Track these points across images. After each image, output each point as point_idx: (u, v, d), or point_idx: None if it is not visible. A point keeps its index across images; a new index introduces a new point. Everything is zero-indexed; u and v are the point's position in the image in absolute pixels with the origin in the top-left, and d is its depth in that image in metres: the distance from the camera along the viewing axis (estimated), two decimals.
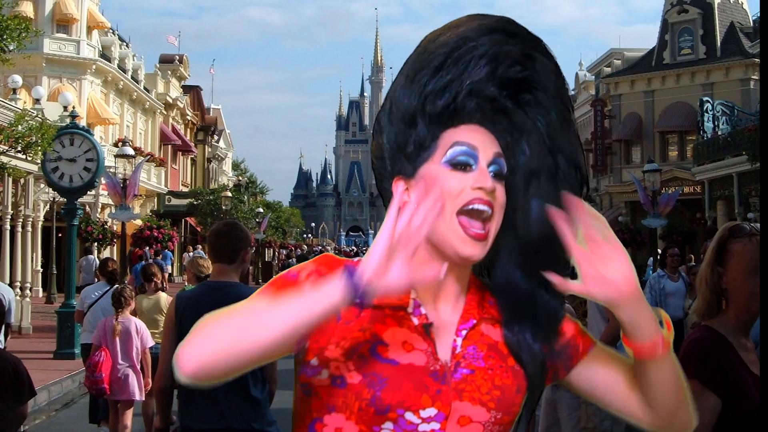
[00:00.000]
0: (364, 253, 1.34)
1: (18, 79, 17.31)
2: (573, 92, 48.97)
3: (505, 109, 1.31)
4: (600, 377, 1.39)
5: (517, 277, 1.33)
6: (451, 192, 1.26)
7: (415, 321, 1.29)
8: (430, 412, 1.25)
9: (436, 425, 1.25)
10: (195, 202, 35.84)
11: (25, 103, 18.51)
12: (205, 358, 1.14)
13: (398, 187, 1.28)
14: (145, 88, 36.57)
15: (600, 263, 1.23)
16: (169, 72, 41.33)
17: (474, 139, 1.29)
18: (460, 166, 1.27)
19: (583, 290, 1.24)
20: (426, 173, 1.29)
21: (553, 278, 1.23)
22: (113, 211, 21.80)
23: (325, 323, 1.20)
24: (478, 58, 1.28)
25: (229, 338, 1.14)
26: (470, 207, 1.26)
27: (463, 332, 1.32)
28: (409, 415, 1.24)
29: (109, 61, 31.80)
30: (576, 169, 1.34)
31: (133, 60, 36.44)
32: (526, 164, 1.32)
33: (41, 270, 22.51)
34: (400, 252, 1.11)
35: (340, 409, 1.26)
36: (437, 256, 1.29)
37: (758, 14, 20.73)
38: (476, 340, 1.32)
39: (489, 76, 1.28)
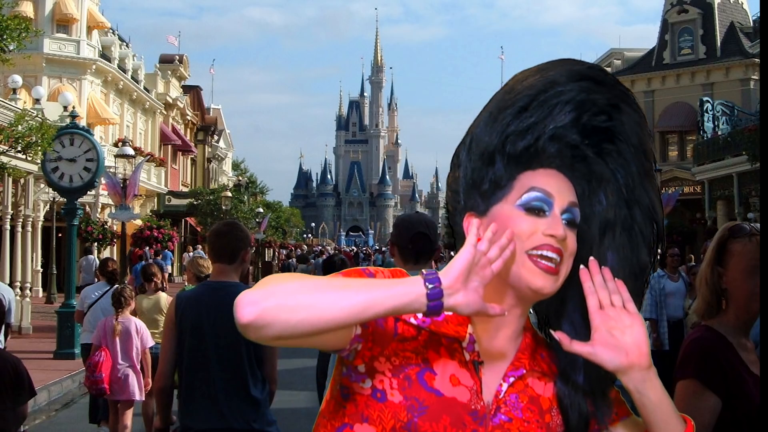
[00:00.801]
0: (364, 253, 1.34)
1: (18, 79, 17.32)
2: None
3: (585, 158, 1.31)
4: None
5: (582, 332, 1.31)
6: (522, 234, 1.26)
7: (467, 356, 1.29)
8: None
9: None
10: (195, 202, 35.85)
11: (25, 103, 18.51)
12: (268, 311, 1.10)
13: (472, 222, 1.29)
14: (145, 88, 36.57)
15: (617, 330, 1.25)
16: (169, 72, 41.34)
17: (550, 185, 1.29)
18: (534, 210, 1.27)
19: (591, 353, 1.25)
20: (499, 213, 1.29)
21: (559, 336, 1.23)
22: (113, 211, 21.80)
23: (382, 332, 1.23)
24: (564, 104, 1.28)
25: (298, 300, 1.12)
26: (539, 252, 1.26)
27: (511, 379, 1.32)
28: None
29: (109, 61, 31.80)
30: (653, 224, 1.33)
31: (133, 60, 36.44)
32: (602, 215, 1.32)
33: (41, 270, 22.51)
34: (476, 276, 1.15)
35: (373, 422, 1.26)
36: (503, 294, 1.30)
37: (758, 14, 20.73)
38: (520, 389, 1.32)
39: (573, 122, 1.29)
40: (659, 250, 1.35)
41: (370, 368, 1.26)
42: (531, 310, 1.37)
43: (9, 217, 17.16)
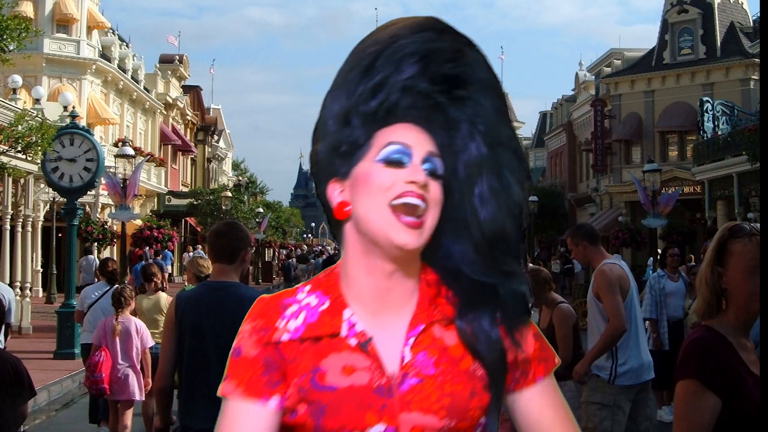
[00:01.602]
0: None
1: (18, 79, 17.31)
2: (573, 92, 49.04)
3: (439, 105, 1.30)
4: (533, 417, 1.36)
5: (475, 269, 1.31)
6: (383, 186, 1.26)
7: (353, 342, 1.28)
8: (378, 428, 1.24)
9: None
10: (195, 202, 35.86)
11: (25, 103, 18.51)
12: None
13: (334, 189, 1.31)
14: (145, 88, 36.58)
15: None
16: (169, 72, 41.35)
17: (408, 138, 1.28)
18: (393, 163, 1.27)
19: None
20: (360, 172, 1.28)
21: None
22: (113, 211, 21.79)
23: (281, 366, 1.27)
24: (410, 56, 1.27)
25: None
26: (402, 200, 1.25)
27: (411, 340, 1.29)
28: None
29: (109, 61, 31.81)
30: (519, 160, 1.33)
31: (133, 60, 36.45)
32: (467, 160, 1.31)
33: (41, 270, 22.51)
34: None
35: None
36: (375, 258, 1.29)
37: (758, 14, 20.73)
38: (427, 345, 1.30)
39: (421, 72, 1.28)
40: (529, 186, 1.35)
41: (287, 399, 1.29)
42: None
43: (9, 217, 17.16)
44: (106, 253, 24.21)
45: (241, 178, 44.11)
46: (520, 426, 1.37)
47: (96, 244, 22.94)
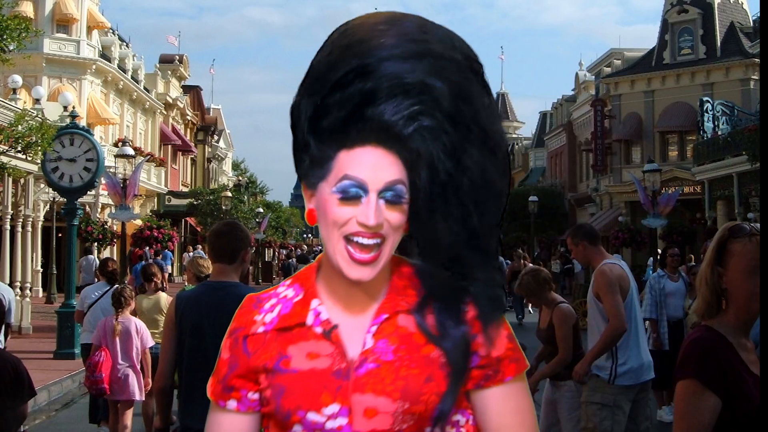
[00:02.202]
0: None
1: (18, 79, 17.31)
2: (573, 92, 49.04)
3: (397, 136, 1.27)
4: (495, 417, 1.38)
5: (444, 277, 1.34)
6: (337, 222, 1.27)
7: (318, 330, 1.35)
8: (333, 408, 1.30)
9: (342, 420, 1.30)
10: (195, 202, 35.86)
11: (25, 103, 18.51)
12: None
13: (305, 192, 1.35)
14: (145, 88, 36.57)
15: None
16: (169, 72, 41.34)
17: (365, 167, 1.26)
18: (348, 199, 1.27)
19: None
20: (321, 194, 1.30)
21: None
22: (113, 211, 21.78)
23: (246, 364, 1.37)
24: (384, 80, 1.25)
25: None
26: (355, 239, 1.27)
27: (373, 328, 1.34)
28: (312, 415, 1.31)
29: (109, 61, 31.81)
30: (486, 184, 1.30)
31: (133, 60, 36.45)
32: (426, 188, 1.28)
33: (41, 270, 22.51)
34: None
35: (266, 423, 1.40)
36: (341, 278, 1.35)
37: (758, 14, 20.73)
38: (389, 333, 1.34)
39: (378, 103, 1.25)
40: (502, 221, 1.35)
41: (249, 386, 1.40)
42: None
43: (9, 217, 17.15)
44: (106, 253, 24.21)
45: (241, 178, 44.13)
46: (480, 425, 1.38)
47: (96, 244, 22.93)
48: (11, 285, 15.51)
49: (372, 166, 1.27)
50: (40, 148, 12.12)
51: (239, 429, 1.40)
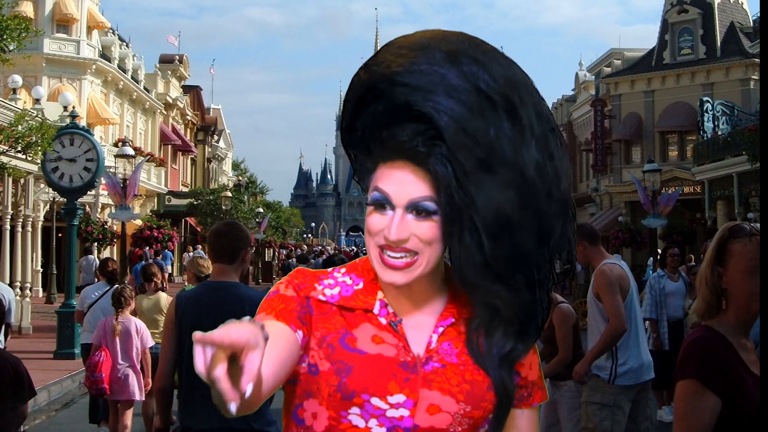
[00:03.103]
0: (364, 253, 1.38)
1: (18, 79, 17.31)
2: (573, 92, 49.06)
3: (419, 154, 1.27)
4: None
5: (486, 291, 1.32)
6: (371, 230, 1.32)
7: (383, 320, 1.36)
8: (399, 398, 1.31)
9: (405, 411, 1.31)
10: (195, 202, 35.84)
11: (25, 103, 18.51)
12: (245, 404, 1.12)
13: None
14: (145, 88, 36.57)
15: None
16: (169, 72, 41.34)
17: (392, 183, 1.29)
18: (379, 208, 1.31)
19: None
20: (367, 203, 1.35)
21: None
22: (113, 211, 21.79)
23: (308, 317, 1.33)
24: (381, 112, 1.28)
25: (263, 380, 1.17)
26: (384, 251, 1.30)
27: (440, 329, 1.36)
28: (376, 401, 1.30)
29: (109, 61, 31.81)
30: (496, 215, 1.26)
31: (133, 60, 36.45)
32: (445, 209, 1.28)
33: (41, 270, 22.51)
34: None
35: (314, 395, 1.34)
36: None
37: (758, 14, 20.73)
38: (453, 337, 1.37)
39: (398, 122, 1.27)
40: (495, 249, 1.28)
41: (305, 347, 1.33)
42: None
43: (9, 217, 17.16)
44: (106, 253, 24.20)
45: (241, 178, 44.10)
46: None
47: (96, 244, 22.94)
48: (11, 285, 15.51)
49: (399, 181, 1.29)
50: (40, 148, 12.12)
51: (294, 349, 1.30)
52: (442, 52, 1.28)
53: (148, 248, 22.64)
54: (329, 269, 1.44)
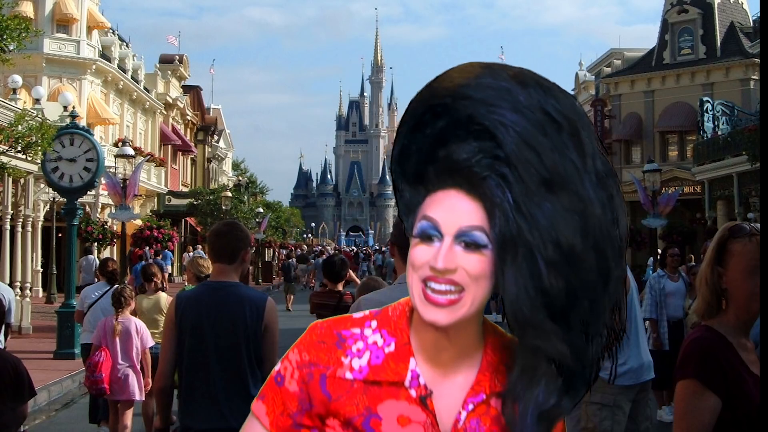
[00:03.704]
0: (364, 253, 1.35)
1: (18, 79, 17.33)
2: (573, 92, 49.08)
3: (473, 177, 1.22)
4: None
5: (534, 335, 1.22)
6: (415, 264, 1.24)
7: (413, 393, 1.27)
8: None
9: None
10: (195, 202, 35.85)
11: (25, 103, 18.52)
12: None
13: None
14: (145, 88, 36.58)
15: None
16: (169, 72, 41.35)
17: (442, 210, 1.23)
18: (426, 239, 1.23)
19: None
20: (411, 242, 1.28)
21: None
22: (113, 211, 21.79)
23: (317, 402, 1.27)
24: (441, 128, 1.23)
25: None
26: (428, 283, 1.22)
27: (470, 406, 1.29)
28: None
29: (109, 61, 31.82)
30: (556, 244, 1.19)
31: (133, 60, 36.46)
32: (499, 236, 1.21)
33: (41, 270, 22.52)
34: None
35: None
36: (425, 324, 1.27)
37: (758, 14, 20.74)
38: (482, 413, 1.29)
39: (450, 145, 1.23)
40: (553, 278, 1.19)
41: (319, 425, 1.28)
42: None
43: (9, 217, 17.16)
44: (106, 253, 24.20)
45: (241, 178, 44.08)
46: None
47: (96, 244, 22.94)
48: (11, 285, 15.51)
49: (449, 208, 1.22)
50: (40, 148, 12.13)
51: None
52: (508, 74, 1.25)
53: (148, 248, 22.64)
54: (357, 316, 1.34)
